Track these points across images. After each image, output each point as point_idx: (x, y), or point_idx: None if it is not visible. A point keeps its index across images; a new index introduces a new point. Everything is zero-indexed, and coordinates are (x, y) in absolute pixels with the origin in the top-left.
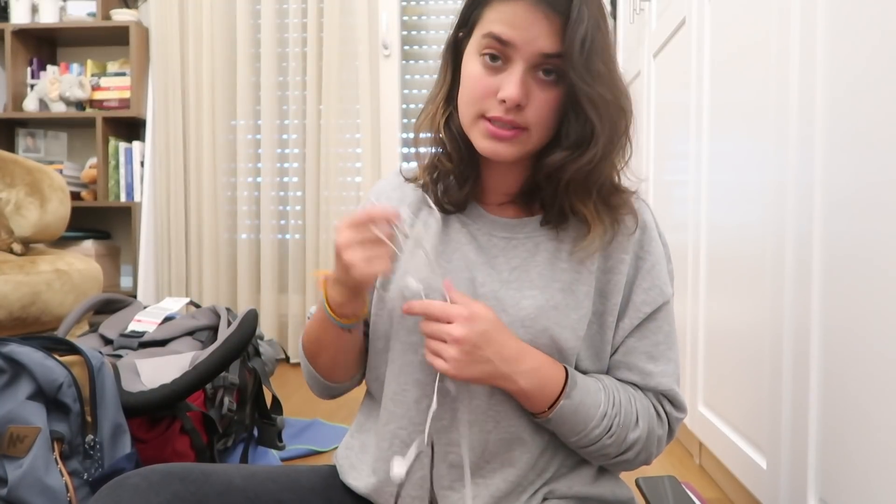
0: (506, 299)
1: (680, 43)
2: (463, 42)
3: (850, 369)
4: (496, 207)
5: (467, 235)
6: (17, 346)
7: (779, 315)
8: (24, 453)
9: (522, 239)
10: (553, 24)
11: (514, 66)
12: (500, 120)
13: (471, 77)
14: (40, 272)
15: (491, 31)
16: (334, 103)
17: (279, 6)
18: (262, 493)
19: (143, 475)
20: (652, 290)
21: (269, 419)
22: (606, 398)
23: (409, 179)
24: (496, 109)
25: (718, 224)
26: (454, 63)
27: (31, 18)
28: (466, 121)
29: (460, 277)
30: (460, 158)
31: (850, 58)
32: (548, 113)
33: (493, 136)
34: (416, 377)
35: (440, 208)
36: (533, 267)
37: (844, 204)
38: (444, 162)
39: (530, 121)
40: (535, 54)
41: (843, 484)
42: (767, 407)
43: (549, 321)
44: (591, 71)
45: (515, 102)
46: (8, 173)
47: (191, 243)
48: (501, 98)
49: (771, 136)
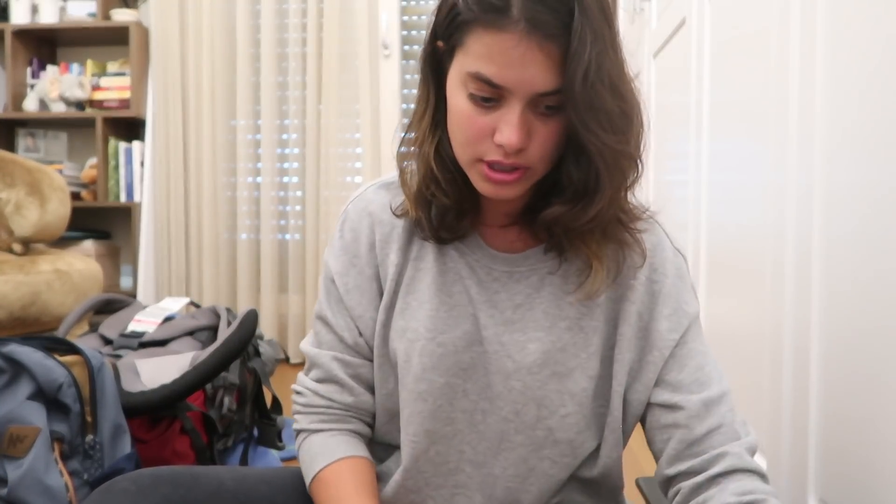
0: (510, 344)
1: (680, 43)
2: (443, 57)
3: (850, 369)
4: (497, 231)
5: (466, 267)
6: (17, 346)
7: (779, 315)
8: (24, 453)
9: (525, 272)
10: (550, 58)
11: (509, 105)
12: (500, 164)
13: (460, 116)
14: (40, 272)
15: (478, 71)
16: (334, 103)
17: (279, 6)
18: (254, 495)
19: (132, 479)
20: (676, 315)
21: (269, 419)
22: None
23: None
24: (494, 153)
25: (718, 224)
26: (436, 79)
27: (31, 18)
28: (462, 161)
29: (463, 315)
30: (458, 191)
31: (850, 58)
32: (551, 146)
33: (493, 181)
34: (426, 427)
35: (437, 239)
36: (538, 304)
37: (844, 204)
38: (440, 197)
39: (533, 159)
40: (533, 94)
41: (843, 484)
42: (767, 407)
43: (558, 365)
44: (595, 110)
45: (516, 148)
46: (8, 173)
47: (191, 243)
48: (499, 143)
49: (771, 136)
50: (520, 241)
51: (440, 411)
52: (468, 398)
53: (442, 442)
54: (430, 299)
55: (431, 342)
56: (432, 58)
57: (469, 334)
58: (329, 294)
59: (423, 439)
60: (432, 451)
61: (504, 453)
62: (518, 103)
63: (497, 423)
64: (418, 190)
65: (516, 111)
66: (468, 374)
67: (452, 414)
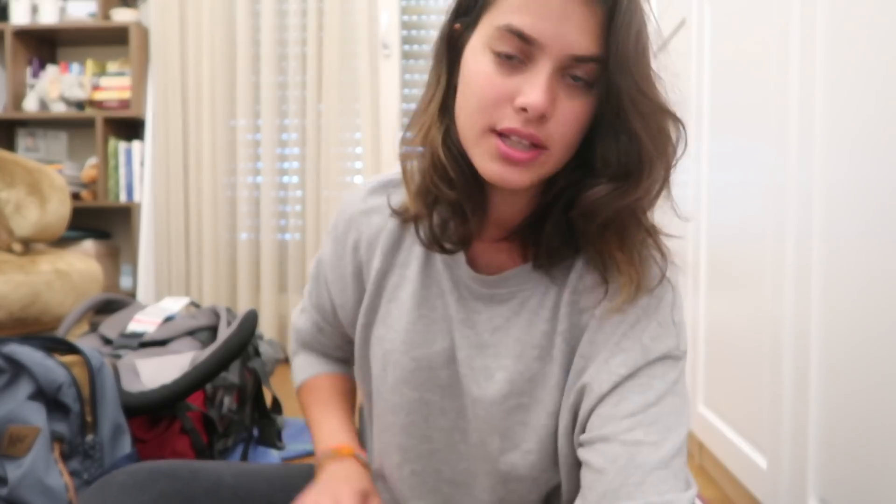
0: (479, 370)
1: (680, 43)
2: (462, 36)
3: (850, 369)
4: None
5: (450, 282)
6: (17, 346)
7: (779, 315)
8: (24, 453)
9: (505, 294)
10: (593, 18)
11: (538, 66)
12: (516, 133)
13: (478, 77)
14: (40, 272)
15: (509, 23)
16: (334, 103)
17: (279, 6)
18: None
19: (130, 473)
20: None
21: (269, 419)
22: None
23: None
24: (512, 119)
25: (718, 224)
26: (450, 63)
27: (31, 18)
28: (470, 135)
29: (442, 331)
30: (465, 184)
31: (850, 58)
32: (575, 129)
33: (504, 158)
34: (398, 441)
35: (438, 247)
36: (513, 328)
37: (844, 204)
38: (445, 190)
39: (554, 137)
40: (566, 56)
41: (843, 484)
42: (767, 407)
43: (523, 397)
44: (644, 78)
45: (540, 112)
46: (8, 173)
47: (191, 243)
48: (521, 105)
49: (771, 136)
50: (510, 259)
51: (413, 427)
52: (446, 416)
53: (418, 460)
54: (409, 311)
55: (405, 356)
56: (448, 40)
57: (446, 351)
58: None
59: (395, 453)
60: (406, 468)
61: (480, 477)
62: (548, 64)
63: (473, 447)
64: (422, 184)
65: (545, 72)
66: (445, 392)
67: (428, 432)
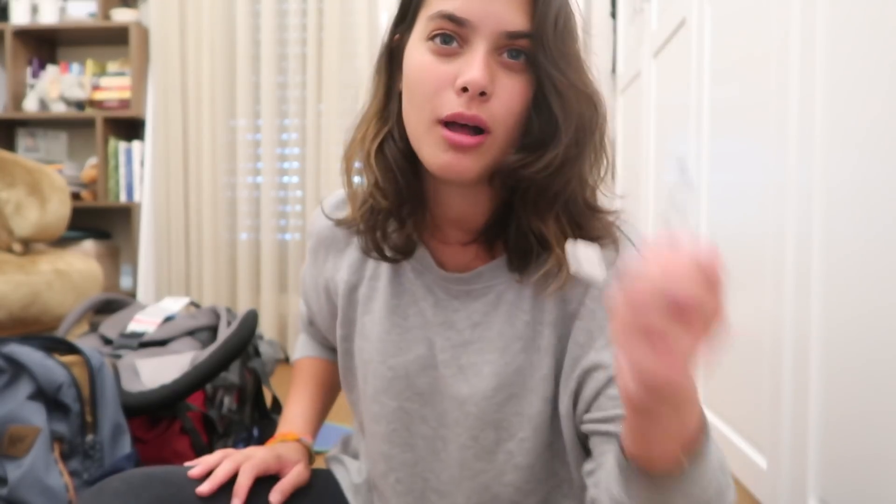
0: (467, 367)
1: (680, 43)
2: (401, 43)
3: (850, 369)
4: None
5: (423, 288)
6: (17, 346)
7: (779, 315)
8: (24, 453)
9: (481, 289)
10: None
11: (473, 47)
12: (461, 117)
13: (418, 69)
14: (40, 272)
15: (441, 9)
16: (334, 103)
17: (279, 6)
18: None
19: (124, 479)
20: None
21: (269, 419)
22: None
23: (339, 223)
24: (454, 104)
25: (718, 224)
26: (391, 72)
27: (31, 18)
28: (418, 131)
29: (417, 339)
30: (397, 191)
31: (851, 58)
32: (516, 108)
33: (453, 146)
34: (382, 449)
35: (379, 254)
36: (494, 323)
37: (844, 204)
38: (379, 198)
39: (496, 117)
40: (499, 33)
41: (843, 484)
42: (767, 407)
43: (514, 387)
44: (565, 55)
45: (480, 87)
46: (8, 173)
47: (191, 243)
48: (461, 85)
49: (771, 136)
50: (478, 258)
51: (395, 435)
52: (427, 424)
53: (402, 469)
54: (381, 321)
55: (382, 365)
56: (389, 52)
57: (423, 358)
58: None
59: (380, 462)
60: (392, 476)
61: (466, 482)
62: (482, 43)
63: (457, 451)
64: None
65: (481, 50)
66: (425, 400)
67: (411, 440)
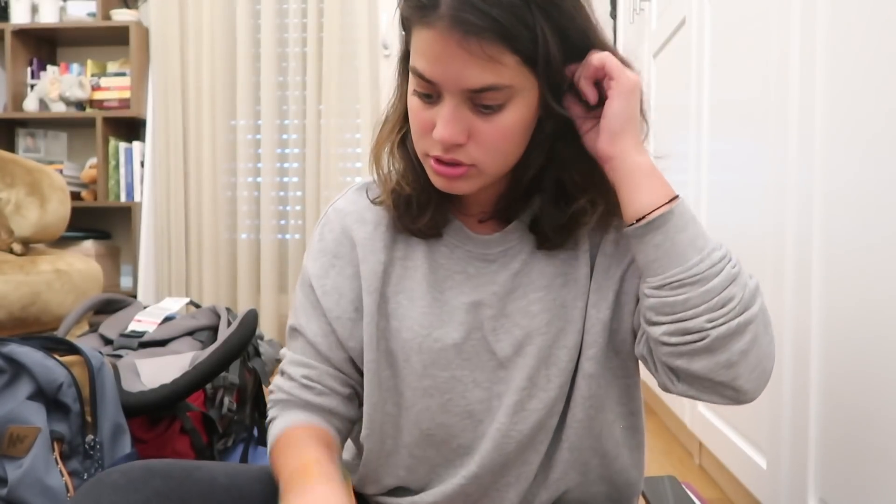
0: (514, 313)
1: (680, 43)
2: None
3: (850, 369)
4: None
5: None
6: (17, 346)
7: (779, 315)
8: (24, 453)
9: (516, 244)
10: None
11: (445, 100)
12: (441, 160)
13: (410, 111)
14: (40, 272)
15: (415, 66)
16: (334, 103)
17: (279, 6)
18: (247, 493)
19: (124, 472)
20: None
21: None
22: None
23: (374, 201)
24: (435, 148)
25: (718, 224)
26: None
27: (31, 18)
28: (419, 155)
29: (458, 308)
30: (417, 181)
31: (850, 58)
32: (500, 144)
33: (440, 175)
34: (439, 421)
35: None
36: (534, 267)
37: (844, 204)
38: (403, 186)
39: (477, 157)
40: (462, 90)
41: (843, 484)
42: (767, 407)
43: (559, 321)
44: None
45: (448, 144)
46: (8, 173)
47: (191, 243)
48: (435, 139)
49: (771, 136)
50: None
51: (451, 405)
52: (480, 387)
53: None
54: (422, 296)
55: (428, 338)
56: (405, 55)
57: (466, 325)
58: (305, 298)
59: (438, 431)
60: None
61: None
62: (450, 99)
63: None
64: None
65: (448, 106)
66: (475, 364)
67: (469, 406)
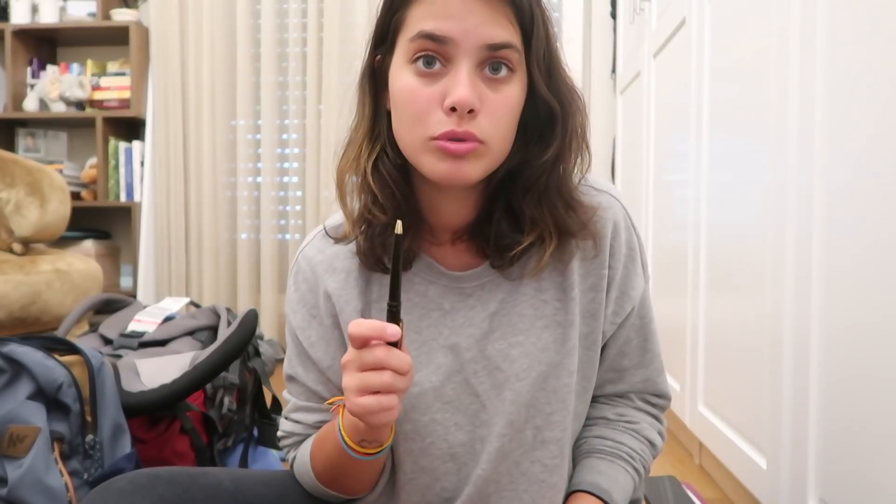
0: (495, 355)
1: (680, 43)
2: (384, 65)
3: (850, 369)
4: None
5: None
6: (17, 346)
7: (779, 315)
8: (24, 453)
9: (495, 279)
10: (494, 8)
11: (456, 65)
12: (454, 134)
13: (405, 93)
14: (40, 272)
15: (421, 29)
16: (334, 103)
17: (279, 6)
18: (252, 498)
19: (129, 479)
20: (621, 298)
21: (269, 419)
22: (634, 474)
23: (338, 240)
24: (445, 123)
25: (718, 224)
26: (375, 92)
27: (31, 18)
28: (414, 149)
29: (435, 349)
30: (395, 206)
31: (850, 58)
32: (506, 118)
33: (451, 155)
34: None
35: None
36: (513, 308)
37: (844, 204)
38: (377, 214)
39: (487, 130)
40: (480, 46)
41: (843, 484)
42: (767, 407)
43: (541, 366)
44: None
45: (468, 105)
46: (8, 173)
47: (191, 243)
48: (450, 105)
49: (771, 136)
50: (472, 258)
51: (433, 447)
52: (462, 430)
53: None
54: None
55: None
56: (371, 72)
57: (444, 367)
58: (295, 348)
59: (420, 475)
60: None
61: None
62: (465, 59)
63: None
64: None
65: (465, 68)
66: (455, 407)
67: (450, 450)
